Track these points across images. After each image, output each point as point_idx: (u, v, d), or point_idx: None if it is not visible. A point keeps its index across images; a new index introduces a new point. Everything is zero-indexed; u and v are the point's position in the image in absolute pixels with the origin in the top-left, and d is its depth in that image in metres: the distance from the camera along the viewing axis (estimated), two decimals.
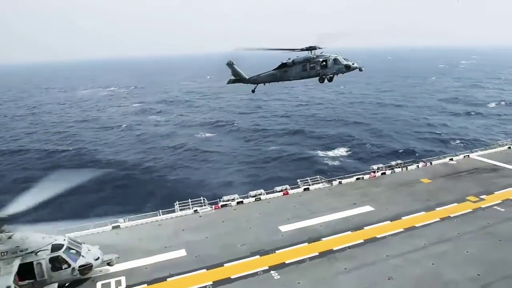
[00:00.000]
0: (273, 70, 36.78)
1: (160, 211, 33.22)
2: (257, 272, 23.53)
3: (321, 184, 38.50)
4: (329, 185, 38.53)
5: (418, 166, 42.98)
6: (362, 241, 26.89)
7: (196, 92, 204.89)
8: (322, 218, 30.83)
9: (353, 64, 34.73)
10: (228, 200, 34.76)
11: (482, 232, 27.50)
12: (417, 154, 72.91)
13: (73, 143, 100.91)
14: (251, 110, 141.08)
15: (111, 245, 26.68)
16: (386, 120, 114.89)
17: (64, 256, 21.93)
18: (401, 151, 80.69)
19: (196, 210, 33.49)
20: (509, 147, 48.92)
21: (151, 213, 33.04)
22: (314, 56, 34.99)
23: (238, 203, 34.75)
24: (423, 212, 31.14)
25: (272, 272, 23.53)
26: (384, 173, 41.00)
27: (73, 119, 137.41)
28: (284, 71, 36.19)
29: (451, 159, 44.89)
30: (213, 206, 34.25)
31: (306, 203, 34.26)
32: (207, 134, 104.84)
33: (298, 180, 38.80)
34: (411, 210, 31.61)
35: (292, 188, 37.38)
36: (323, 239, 27.42)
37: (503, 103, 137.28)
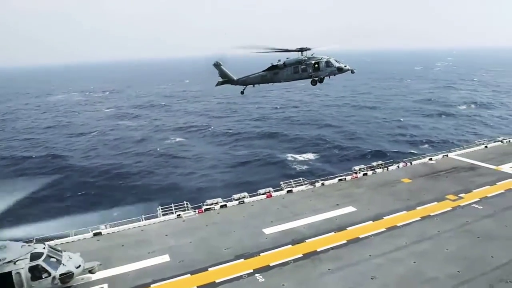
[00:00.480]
0: (263, 71, 36.36)
1: (143, 216, 32.76)
2: (241, 276, 23.48)
3: (304, 186, 38.70)
4: (312, 186, 38.76)
5: (398, 166, 43.67)
6: (345, 241, 27.15)
7: (173, 96, 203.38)
8: (305, 220, 30.99)
9: (345, 66, 34.84)
10: (212, 204, 34.58)
11: (461, 230, 28.13)
12: (387, 156, 72.89)
13: (42, 149, 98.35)
14: (227, 114, 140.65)
15: (92, 252, 26.26)
16: (359, 123, 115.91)
17: (44, 264, 21.41)
18: (371, 153, 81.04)
19: (179, 214, 33.19)
20: (486, 146, 50.25)
21: (133, 218, 32.55)
22: (306, 58, 34.84)
23: (221, 206, 34.62)
24: (404, 212, 31.66)
25: (256, 275, 23.51)
26: (366, 173, 41.51)
27: (45, 124, 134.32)
28: (275, 73, 35.85)
29: (431, 159, 45.79)
30: (197, 210, 34.02)
31: (289, 205, 34.38)
32: (182, 139, 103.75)
33: (281, 183, 38.92)
34: (392, 209, 32.09)
35: (275, 191, 37.45)
36: (306, 240, 27.57)
37: (473, 105, 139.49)
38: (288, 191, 37.53)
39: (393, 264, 23.96)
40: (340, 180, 40.07)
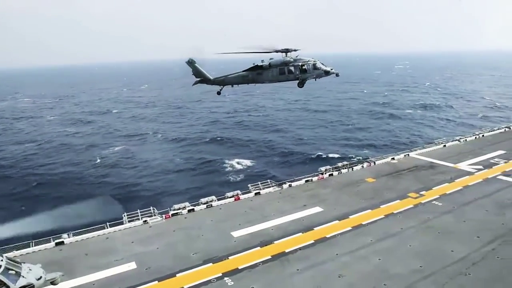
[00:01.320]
0: (244, 71, 35.00)
1: (108, 223, 31.90)
2: (210, 280, 23.32)
3: (271, 188, 38.91)
4: (280, 188, 39.06)
5: (363, 166, 44.80)
6: (313, 241, 27.54)
7: (128, 101, 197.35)
8: (273, 222, 31.20)
9: (331, 69, 34.62)
10: (179, 209, 34.13)
11: (423, 226, 29.21)
12: (335, 160, 69.77)
13: None
14: (177, 120, 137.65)
15: (55, 263, 25.34)
16: (307, 127, 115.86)
17: (1, 278, 20.39)
18: (314, 158, 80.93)
19: (145, 220, 32.56)
20: (444, 145, 52.43)
21: (97, 226, 31.60)
22: (292, 60, 34.04)
23: (189, 211, 34.25)
24: (369, 210, 32.51)
25: (225, 278, 23.43)
26: (332, 174, 42.29)
27: None
28: (258, 74, 34.58)
29: (393, 159, 47.27)
30: (163, 215, 33.49)
31: (257, 207, 34.48)
32: (128, 146, 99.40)
33: (249, 185, 39.01)
34: (357, 208, 32.89)
35: (243, 193, 37.43)
36: (275, 242, 27.74)
37: (419, 111, 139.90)
38: (256, 194, 37.64)
39: (359, 262, 24.53)
40: (307, 181, 40.61)
